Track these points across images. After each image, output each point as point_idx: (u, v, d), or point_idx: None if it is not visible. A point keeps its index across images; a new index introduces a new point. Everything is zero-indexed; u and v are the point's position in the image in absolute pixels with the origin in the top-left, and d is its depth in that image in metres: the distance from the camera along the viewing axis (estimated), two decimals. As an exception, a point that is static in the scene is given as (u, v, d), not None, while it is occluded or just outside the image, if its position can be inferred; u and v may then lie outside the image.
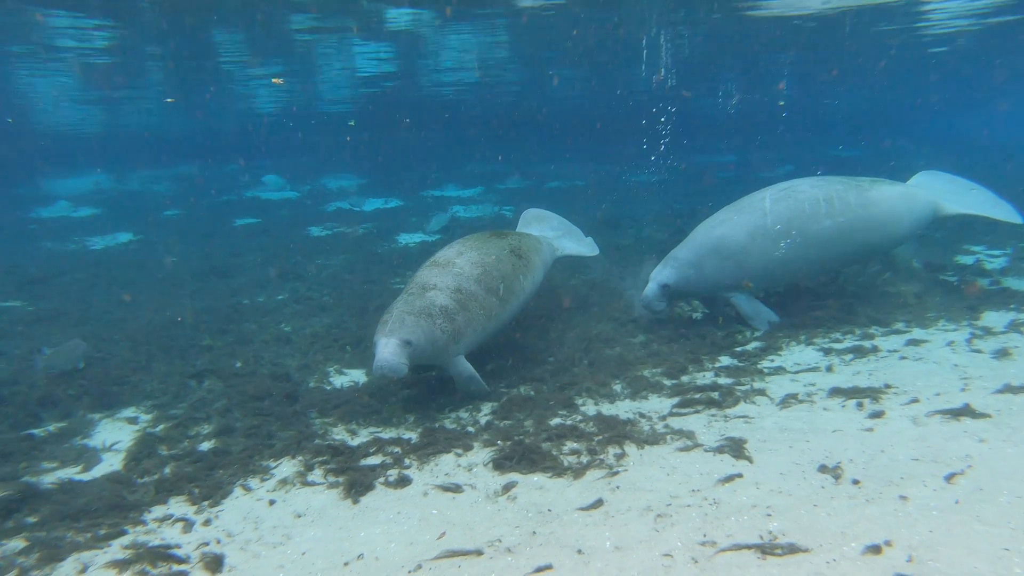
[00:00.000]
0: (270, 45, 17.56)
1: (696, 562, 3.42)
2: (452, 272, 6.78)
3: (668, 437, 5.25)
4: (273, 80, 20.05)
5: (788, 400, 5.76)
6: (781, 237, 7.61)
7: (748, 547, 3.44)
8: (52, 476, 5.52)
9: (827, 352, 6.92)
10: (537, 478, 4.80)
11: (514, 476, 4.86)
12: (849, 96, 32.79)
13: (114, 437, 6.29)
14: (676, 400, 6.06)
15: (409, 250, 15.11)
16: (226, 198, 25.28)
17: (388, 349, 5.89)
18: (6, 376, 7.85)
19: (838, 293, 8.64)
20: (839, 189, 7.82)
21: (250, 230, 18.51)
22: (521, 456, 5.09)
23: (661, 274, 7.84)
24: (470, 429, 5.85)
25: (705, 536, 3.66)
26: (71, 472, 5.61)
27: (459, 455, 5.31)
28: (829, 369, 6.41)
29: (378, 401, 6.52)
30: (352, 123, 29.56)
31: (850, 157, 30.73)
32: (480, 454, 5.29)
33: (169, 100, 22.83)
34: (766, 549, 3.40)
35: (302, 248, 15.72)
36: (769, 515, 3.80)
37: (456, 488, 4.74)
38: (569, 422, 5.76)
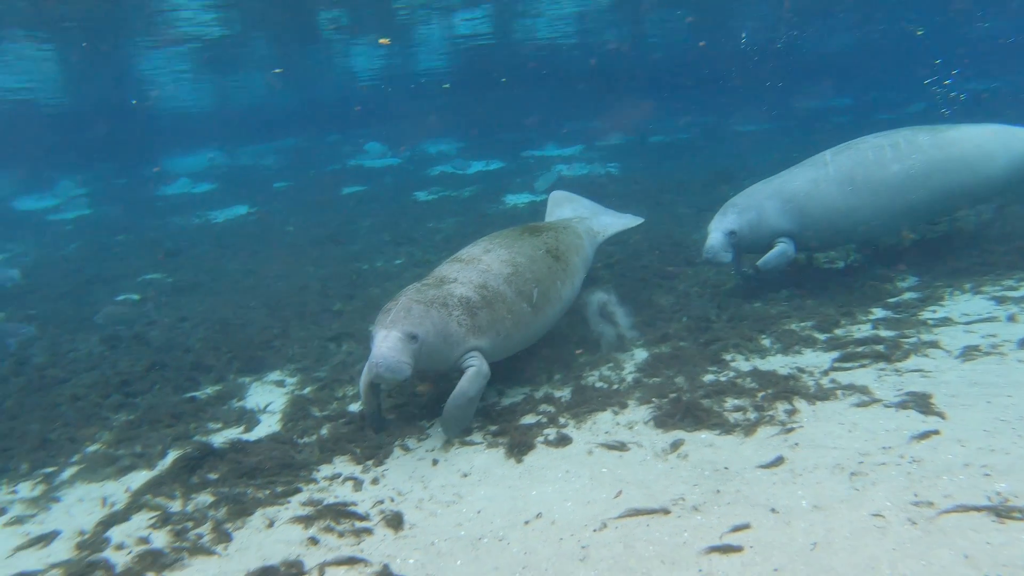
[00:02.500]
0: (371, 17, 17.69)
1: (914, 523, 3.19)
2: (477, 268, 5.80)
3: (839, 392, 4.96)
4: (380, 41, 20.23)
5: (970, 353, 5.33)
6: (844, 185, 7.06)
7: (976, 509, 3.17)
8: (220, 436, 5.80)
9: (1001, 301, 6.36)
10: (705, 435, 4.64)
11: (679, 434, 4.72)
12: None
13: (266, 399, 6.54)
14: (836, 354, 5.73)
15: (519, 210, 15.03)
16: (331, 167, 25.97)
17: (387, 344, 4.82)
18: (162, 343, 8.32)
19: (1003, 238, 7.94)
20: (907, 134, 7.26)
21: (358, 197, 18.92)
22: (684, 413, 4.94)
23: (723, 222, 7.41)
24: (618, 387, 5.73)
25: (917, 496, 3.41)
26: (235, 432, 5.88)
27: (616, 413, 5.21)
28: (1012, 319, 5.88)
29: (521, 360, 6.48)
30: (447, 86, 29.58)
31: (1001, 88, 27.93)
32: (637, 412, 5.17)
33: (277, 71, 23.50)
34: (1001, 512, 3.12)
35: (411, 213, 15.91)
36: (988, 475, 3.50)
37: (621, 446, 4.64)
38: (723, 378, 5.57)
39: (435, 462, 4.82)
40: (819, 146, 7.56)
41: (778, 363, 5.79)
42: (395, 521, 4.06)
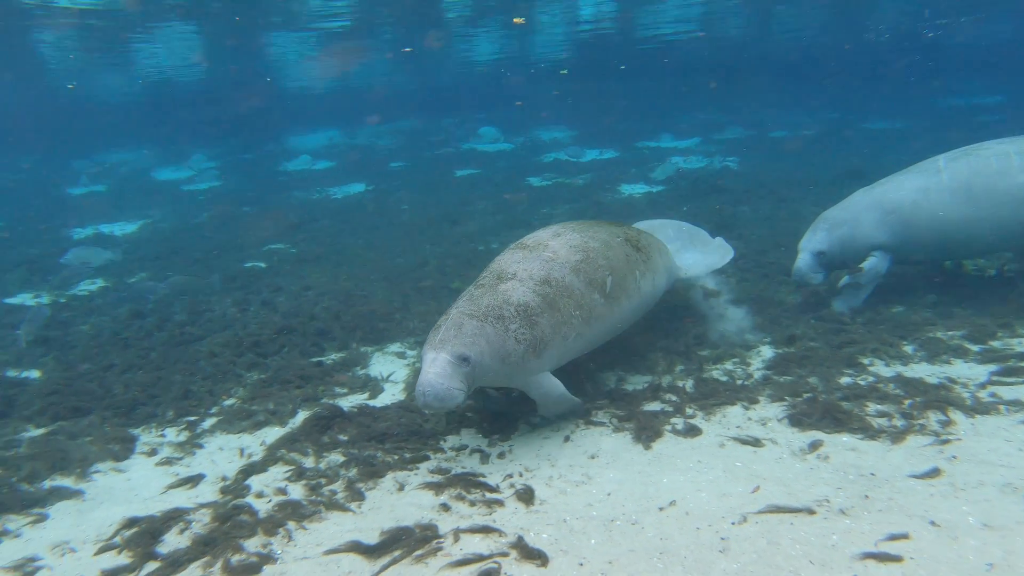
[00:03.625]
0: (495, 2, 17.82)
1: (1105, 551, 2.91)
2: (541, 257, 5.19)
3: (1001, 408, 4.62)
4: (515, 20, 20.34)
5: None
6: (958, 194, 6.39)
7: None
8: (347, 400, 6.01)
9: None
10: (846, 438, 4.42)
11: (817, 434, 4.52)
12: None
13: (388, 369, 6.73)
14: (994, 368, 5.34)
15: (635, 200, 14.81)
16: (445, 150, 26.46)
17: (435, 369, 4.36)
18: (289, 308, 8.72)
19: None
20: None
21: (472, 180, 19.17)
22: (821, 414, 4.74)
23: (812, 241, 6.93)
24: (744, 383, 5.56)
25: (1106, 522, 3.12)
26: (361, 398, 6.08)
27: (747, 408, 5.05)
28: None
29: (640, 348, 6.38)
30: (564, 71, 29.50)
31: None
32: (770, 408, 5.00)
33: (407, 50, 24.03)
34: None
35: (525, 198, 15.96)
36: None
37: (755, 442, 4.50)
38: (862, 382, 5.29)
39: (566, 439, 4.82)
40: (958, 146, 6.98)
41: (924, 371, 5.46)
42: (526, 496, 4.09)
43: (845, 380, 5.37)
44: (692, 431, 4.78)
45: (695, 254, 7.14)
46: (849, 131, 24.14)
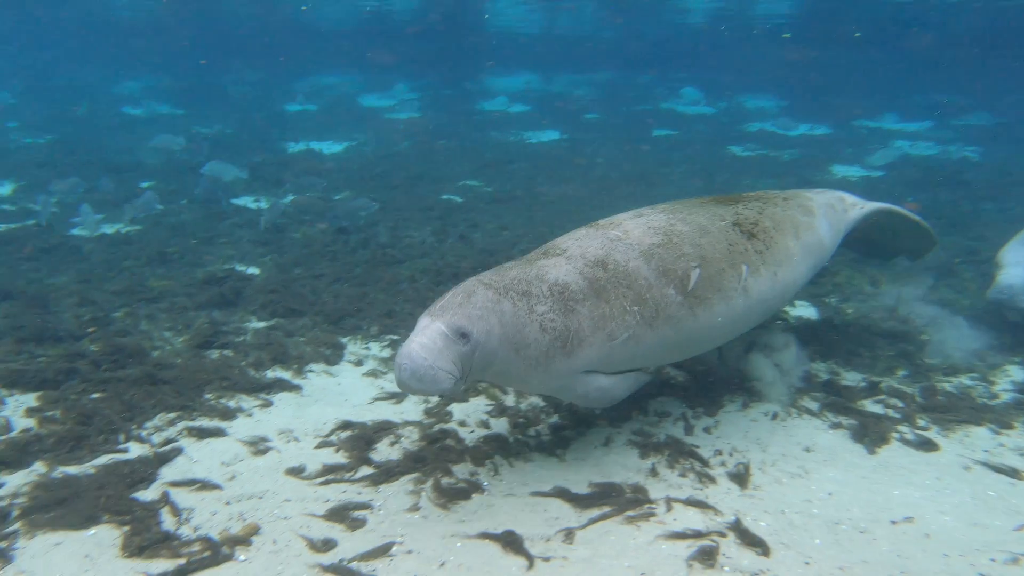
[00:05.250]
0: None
1: None
2: (607, 236, 4.17)
3: None
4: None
5: None
6: None
7: None
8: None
9: None
10: None
11: (1091, 478, 3.94)
12: None
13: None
14: None
15: (850, 184, 13.67)
16: (642, 107, 25.83)
17: (421, 339, 3.45)
18: (485, 245, 8.91)
19: None
20: None
21: (670, 142, 18.58)
22: (1097, 456, 4.12)
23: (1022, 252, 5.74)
24: (987, 402, 4.99)
25: None
26: (556, 345, 6.08)
27: (996, 432, 4.51)
28: None
29: (854, 344, 5.86)
30: (787, 35, 27.55)
31: None
32: (1027, 438, 4.42)
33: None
34: None
35: (727, 167, 15.25)
36: None
37: (1013, 472, 4.01)
38: None
39: (777, 425, 4.55)
40: None
41: None
42: (741, 477, 3.90)
43: (1121, 420, 4.65)
44: (927, 445, 4.33)
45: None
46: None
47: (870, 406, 4.86)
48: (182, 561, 3.19)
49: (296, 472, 3.98)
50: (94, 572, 3.14)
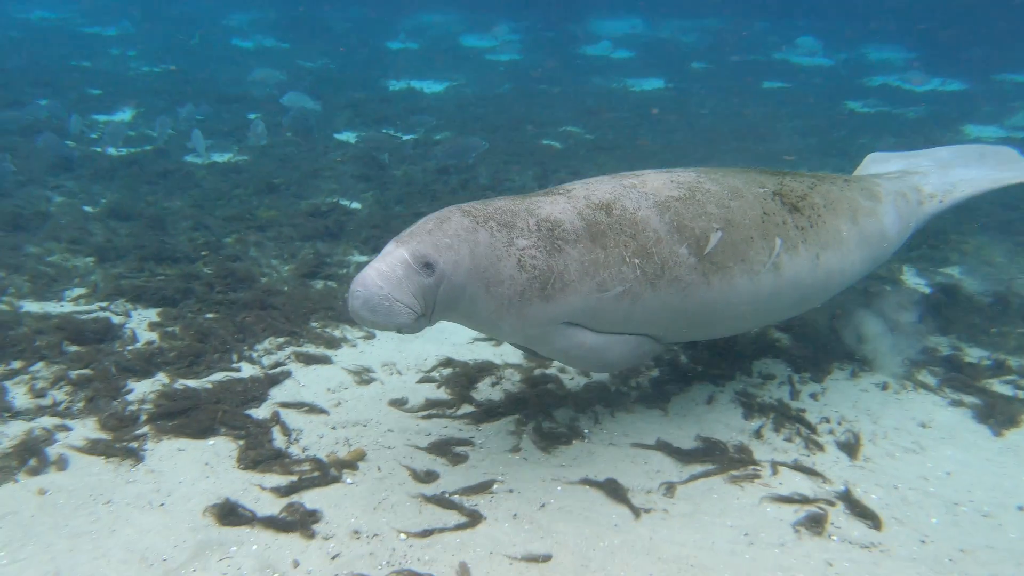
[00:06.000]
0: None
1: None
2: (622, 183, 3.78)
3: None
4: None
5: None
6: None
7: None
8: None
9: None
10: None
11: None
12: None
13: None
14: None
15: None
16: (752, 57, 24.64)
17: (380, 265, 3.17)
18: (587, 194, 8.79)
19: None
20: None
21: (782, 95, 17.74)
22: None
23: None
24: None
25: None
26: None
27: None
28: None
29: (977, 312, 5.50)
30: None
31: None
32: None
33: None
34: None
35: (843, 124, 14.47)
36: None
37: None
38: None
39: (889, 396, 4.37)
40: None
41: None
42: (850, 447, 3.78)
43: None
44: (1063, 432, 4.07)
45: (977, 170, 5.26)
46: None
47: (997, 386, 4.59)
48: (294, 478, 3.36)
49: (399, 404, 4.10)
50: (214, 479, 3.35)
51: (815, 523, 3.15)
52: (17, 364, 4.38)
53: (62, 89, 14.72)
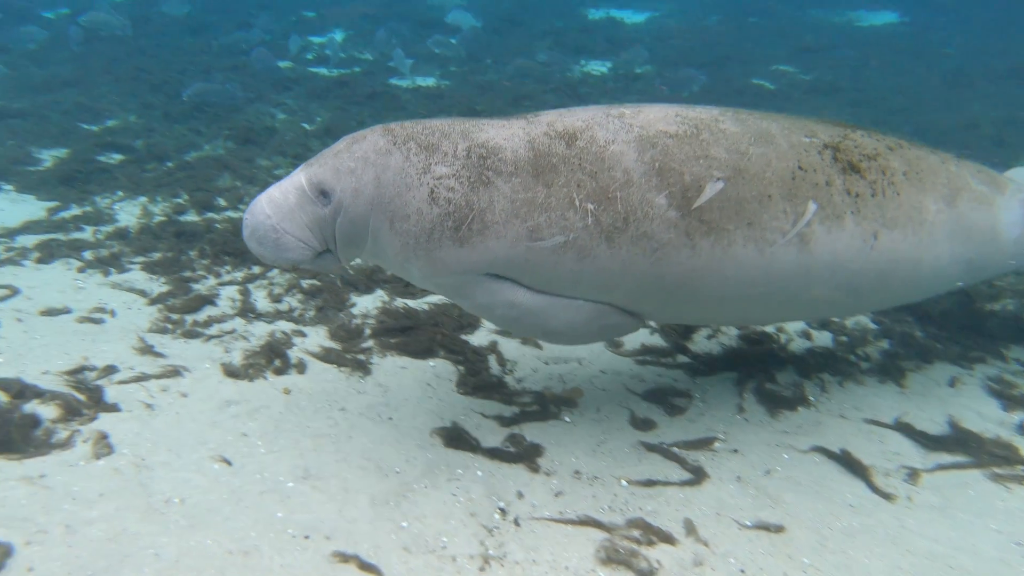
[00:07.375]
0: None
1: None
2: (607, 112, 2.97)
3: None
4: None
5: None
6: None
7: None
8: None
9: None
10: None
11: None
12: None
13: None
14: None
15: None
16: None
17: (275, 191, 2.86)
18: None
19: None
20: None
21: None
22: None
23: None
24: None
25: None
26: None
27: None
28: None
29: None
30: None
31: None
32: None
33: None
34: None
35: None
36: None
37: None
38: None
39: None
40: None
41: None
42: None
43: None
44: None
45: None
46: None
47: None
48: (516, 409, 3.46)
49: (614, 345, 4.08)
50: (436, 400, 3.52)
51: (1097, 540, 2.80)
52: (257, 269, 4.82)
53: (281, 12, 15.74)
